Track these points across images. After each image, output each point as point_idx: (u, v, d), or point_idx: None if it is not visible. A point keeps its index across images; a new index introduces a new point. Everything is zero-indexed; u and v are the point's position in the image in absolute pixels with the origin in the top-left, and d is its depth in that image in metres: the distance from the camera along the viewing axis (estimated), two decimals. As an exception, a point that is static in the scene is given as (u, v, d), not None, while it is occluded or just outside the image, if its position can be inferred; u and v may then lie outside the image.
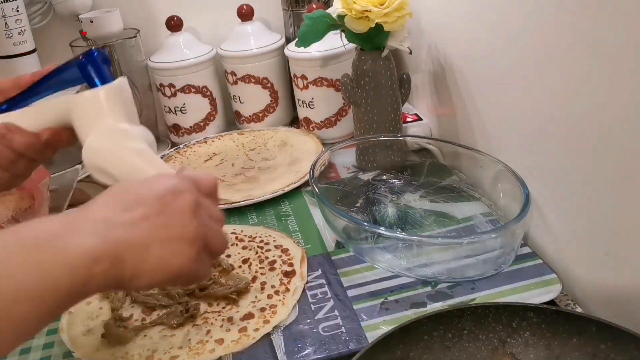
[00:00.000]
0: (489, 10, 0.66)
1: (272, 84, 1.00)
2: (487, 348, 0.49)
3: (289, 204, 0.79)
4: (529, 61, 0.60)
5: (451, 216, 0.70)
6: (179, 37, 0.98)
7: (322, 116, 0.95)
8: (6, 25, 0.84)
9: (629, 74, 0.46)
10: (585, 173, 0.54)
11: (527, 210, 0.58)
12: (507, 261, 0.59)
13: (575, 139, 0.54)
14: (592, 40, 0.49)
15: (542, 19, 0.56)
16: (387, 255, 0.60)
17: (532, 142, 0.62)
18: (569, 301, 0.58)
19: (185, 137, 1.02)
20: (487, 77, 0.70)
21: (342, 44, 0.83)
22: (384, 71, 0.79)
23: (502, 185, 0.68)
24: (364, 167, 0.85)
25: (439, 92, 0.86)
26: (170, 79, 0.97)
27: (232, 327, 0.57)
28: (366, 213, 0.73)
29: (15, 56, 0.87)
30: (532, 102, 0.60)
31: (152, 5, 1.00)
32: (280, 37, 1.00)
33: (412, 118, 0.92)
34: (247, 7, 0.97)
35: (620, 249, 0.51)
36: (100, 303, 0.62)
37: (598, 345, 0.46)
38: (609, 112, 0.49)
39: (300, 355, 0.53)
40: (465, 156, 0.76)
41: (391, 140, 0.82)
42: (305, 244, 0.70)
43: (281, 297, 0.60)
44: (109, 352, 0.55)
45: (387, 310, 0.57)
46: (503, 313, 0.49)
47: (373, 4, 0.72)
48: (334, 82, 0.92)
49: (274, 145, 0.95)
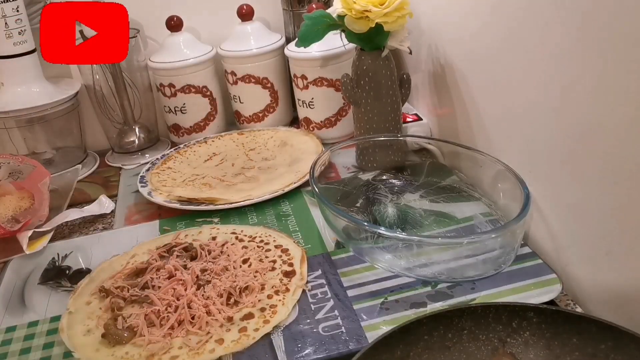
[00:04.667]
0: (489, 10, 0.66)
1: (272, 84, 1.00)
2: (487, 348, 0.49)
3: (289, 204, 0.79)
4: (529, 61, 0.60)
5: (451, 216, 0.70)
6: (179, 37, 0.98)
7: (322, 116, 0.95)
8: (6, 25, 0.84)
9: (629, 73, 0.46)
10: (585, 173, 0.54)
11: (527, 210, 0.58)
12: (507, 261, 0.59)
13: (576, 138, 0.54)
14: (593, 40, 0.49)
15: (543, 19, 0.56)
16: (387, 255, 0.60)
17: (532, 142, 0.62)
18: (569, 301, 0.58)
19: (185, 137, 1.02)
20: (487, 77, 0.70)
21: (342, 44, 0.83)
22: (384, 71, 0.79)
23: (502, 185, 0.68)
24: (364, 167, 0.85)
25: (439, 92, 0.86)
26: (170, 79, 0.98)
27: (232, 327, 0.57)
28: (366, 213, 0.73)
29: (15, 56, 0.87)
30: (532, 102, 0.60)
31: (152, 5, 1.00)
32: (280, 37, 1.00)
33: (412, 118, 0.93)
34: (247, 7, 0.97)
35: (620, 249, 0.51)
36: (100, 303, 0.62)
37: (598, 345, 0.46)
38: (609, 112, 0.49)
39: (300, 355, 0.53)
40: (465, 156, 0.76)
41: (391, 140, 0.82)
42: (305, 244, 0.70)
43: (281, 297, 0.60)
44: (109, 352, 0.55)
45: (387, 310, 0.57)
46: (503, 313, 0.49)
47: (373, 4, 0.72)
48: (334, 82, 0.92)
49: (274, 145, 0.95)
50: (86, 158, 1.00)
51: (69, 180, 0.88)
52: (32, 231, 0.75)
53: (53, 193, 0.83)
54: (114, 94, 0.97)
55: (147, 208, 0.83)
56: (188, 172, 0.90)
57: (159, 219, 0.79)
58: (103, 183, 0.94)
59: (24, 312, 0.64)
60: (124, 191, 0.89)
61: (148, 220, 0.79)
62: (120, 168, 0.98)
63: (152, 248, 0.70)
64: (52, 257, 0.73)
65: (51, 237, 0.76)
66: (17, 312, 0.64)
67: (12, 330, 0.61)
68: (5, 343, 0.59)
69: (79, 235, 0.78)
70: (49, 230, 0.77)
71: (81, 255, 0.73)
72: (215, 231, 0.73)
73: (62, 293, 0.66)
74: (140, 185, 0.85)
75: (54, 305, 0.64)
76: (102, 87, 0.96)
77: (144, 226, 0.78)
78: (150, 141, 1.02)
